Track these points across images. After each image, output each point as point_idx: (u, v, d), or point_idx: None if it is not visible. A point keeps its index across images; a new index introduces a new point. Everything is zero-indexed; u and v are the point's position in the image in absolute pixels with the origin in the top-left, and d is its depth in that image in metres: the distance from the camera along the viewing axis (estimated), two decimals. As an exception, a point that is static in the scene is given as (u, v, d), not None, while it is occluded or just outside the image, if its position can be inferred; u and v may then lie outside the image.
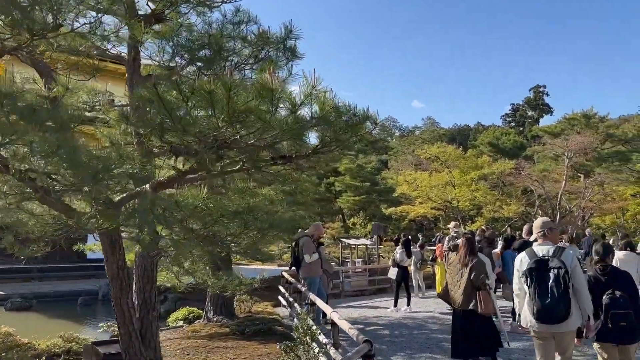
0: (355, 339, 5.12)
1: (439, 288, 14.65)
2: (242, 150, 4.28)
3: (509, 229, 24.81)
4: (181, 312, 12.82)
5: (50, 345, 8.01)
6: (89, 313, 18.67)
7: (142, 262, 5.02)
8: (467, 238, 7.00)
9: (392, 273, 12.50)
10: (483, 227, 14.77)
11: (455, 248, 7.50)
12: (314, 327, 6.94)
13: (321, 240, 11.60)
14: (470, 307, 6.52)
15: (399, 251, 12.42)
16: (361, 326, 10.59)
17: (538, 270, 4.65)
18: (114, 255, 4.47)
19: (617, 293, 4.74)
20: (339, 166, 45.09)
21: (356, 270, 16.79)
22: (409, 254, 12.50)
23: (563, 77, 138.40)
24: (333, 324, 6.56)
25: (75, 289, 20.23)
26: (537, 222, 5.07)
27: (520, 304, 5.01)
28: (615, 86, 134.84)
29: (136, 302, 5.08)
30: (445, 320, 10.93)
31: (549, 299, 4.50)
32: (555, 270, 4.56)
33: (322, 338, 6.74)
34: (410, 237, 14.41)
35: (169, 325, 12.36)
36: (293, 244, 9.92)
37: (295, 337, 6.82)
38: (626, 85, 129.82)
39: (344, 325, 5.73)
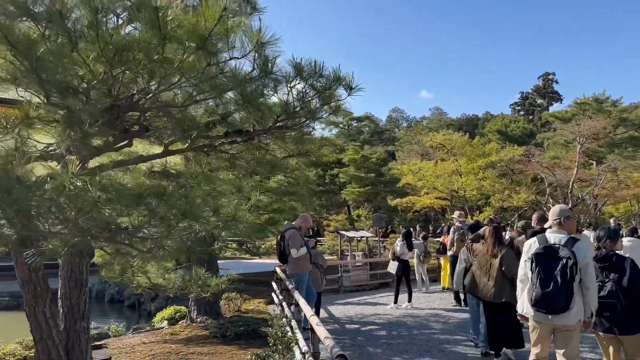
0: (329, 352, 4.21)
1: (445, 281, 13.76)
2: (173, 120, 3.34)
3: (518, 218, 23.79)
4: (167, 312, 12.01)
5: (7, 353, 7.21)
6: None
7: (69, 261, 4.16)
8: (493, 227, 6.79)
9: (392, 267, 11.59)
10: (491, 217, 13.78)
11: (478, 238, 7.17)
12: (291, 334, 6.06)
13: (311, 232, 10.75)
14: (505, 299, 6.40)
15: (399, 243, 11.49)
16: (357, 326, 9.72)
17: (545, 257, 4.52)
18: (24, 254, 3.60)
19: (608, 282, 4.71)
20: (343, 157, 44.19)
21: (356, 264, 15.85)
22: (410, 247, 11.56)
23: (573, 64, 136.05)
24: (312, 330, 5.65)
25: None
26: (555, 209, 4.85)
27: (522, 290, 4.83)
28: (626, 74, 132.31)
29: (61, 311, 4.22)
30: (449, 319, 10.02)
31: (550, 288, 4.38)
32: (564, 260, 4.41)
33: (303, 345, 5.84)
34: (412, 228, 13.50)
35: (154, 326, 11.58)
36: (279, 237, 9.01)
37: (270, 344, 5.96)
38: (638, 73, 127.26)
39: (321, 333, 4.81)
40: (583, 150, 28.38)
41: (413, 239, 13.82)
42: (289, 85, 3.74)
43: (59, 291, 4.27)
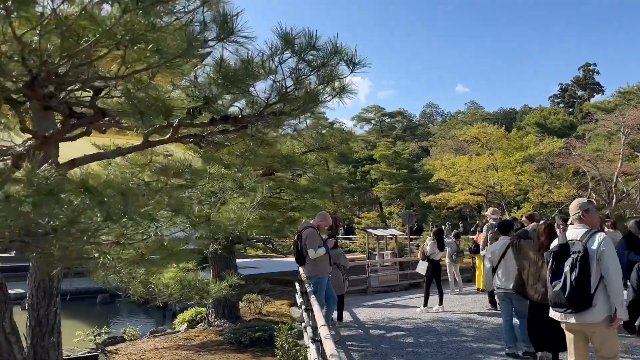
0: (332, 374, 3.61)
1: (479, 282, 12.95)
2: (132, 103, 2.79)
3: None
4: (188, 313, 11.62)
5: None
6: (107, 312, 17.86)
7: (37, 269, 3.70)
8: (547, 224, 6.33)
9: (422, 267, 10.88)
10: (530, 213, 12.87)
11: (524, 235, 6.74)
12: (299, 347, 5.49)
13: (337, 230, 10.14)
14: None
15: (429, 242, 10.77)
16: (382, 331, 9.07)
17: (558, 254, 4.46)
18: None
19: None
20: (374, 153, 43.42)
21: (385, 264, 15.16)
22: (441, 246, 10.82)
23: (615, 54, 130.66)
24: (321, 342, 5.05)
25: (95, 286, 19.38)
26: (573, 204, 4.72)
27: None
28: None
29: (27, 324, 3.76)
30: (483, 324, 9.26)
31: (559, 286, 4.31)
32: (575, 255, 4.29)
33: (314, 357, 5.26)
34: (444, 226, 12.73)
35: (174, 328, 11.22)
36: (295, 236, 8.44)
37: (277, 357, 5.40)
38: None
39: (328, 347, 4.22)
40: (627, 142, 26.76)
41: (445, 237, 13.08)
42: (275, 59, 3.15)
43: (26, 302, 3.84)
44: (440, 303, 10.73)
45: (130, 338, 9.65)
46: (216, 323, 9.80)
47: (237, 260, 27.69)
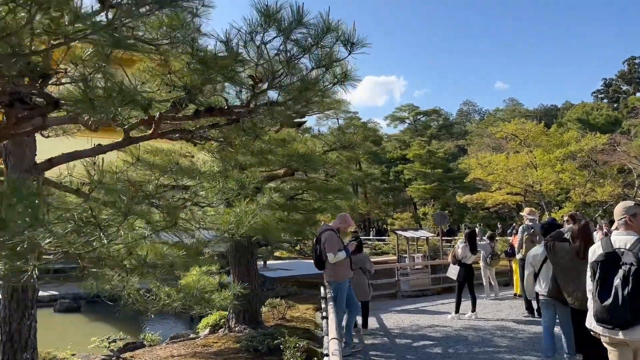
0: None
1: (517, 287, 12.24)
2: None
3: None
4: (212, 317, 11.32)
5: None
6: (137, 315, 17.82)
7: (9, 278, 3.39)
8: (582, 226, 5.96)
9: (453, 272, 10.28)
10: (571, 213, 12.03)
11: (560, 237, 6.30)
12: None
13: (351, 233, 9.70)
14: None
15: (460, 245, 10.15)
16: (408, 340, 8.54)
17: (606, 264, 4.01)
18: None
19: None
20: (407, 153, 42.59)
21: (416, 267, 14.55)
22: (473, 249, 10.18)
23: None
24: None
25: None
26: (618, 207, 4.23)
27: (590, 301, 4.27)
28: None
29: (-1, 339, 3.45)
30: (519, 332, 8.61)
31: (610, 300, 3.87)
32: (626, 267, 3.85)
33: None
34: (477, 227, 12.05)
35: (198, 332, 10.97)
36: (314, 240, 8.00)
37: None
38: None
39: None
40: (678, 137, 25.26)
41: (478, 239, 12.42)
42: (256, 37, 2.73)
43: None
44: (473, 310, 10.11)
45: (149, 344, 9.41)
46: (236, 329, 9.46)
47: (269, 262, 27.61)
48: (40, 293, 19.13)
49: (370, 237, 35.37)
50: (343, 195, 10.33)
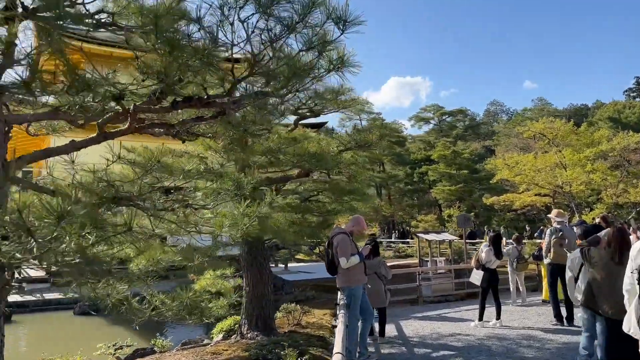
0: None
1: (545, 293, 11.64)
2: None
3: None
4: (227, 322, 11.02)
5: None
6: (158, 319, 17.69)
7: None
8: (617, 229, 5.54)
9: (476, 277, 9.77)
10: (603, 215, 11.37)
11: (594, 242, 5.90)
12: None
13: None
14: None
15: (484, 249, 9.63)
16: (428, 350, 8.07)
17: None
18: None
19: None
20: (431, 154, 41.79)
21: (438, 271, 14.01)
22: (498, 253, 9.64)
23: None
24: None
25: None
26: None
27: (629, 301, 4.21)
28: None
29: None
30: (546, 342, 8.06)
31: None
32: None
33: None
34: (502, 230, 11.48)
35: (212, 338, 10.69)
36: (326, 243, 7.61)
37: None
38: None
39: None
40: None
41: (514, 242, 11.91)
42: (230, 13, 2.36)
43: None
44: (498, 317, 9.57)
45: (160, 350, 9.15)
46: (248, 335, 9.12)
47: (290, 265, 27.32)
48: (61, 296, 19.19)
49: (394, 239, 34.80)
50: (360, 197, 9.90)
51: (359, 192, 9.56)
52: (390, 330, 9.51)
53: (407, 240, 33.73)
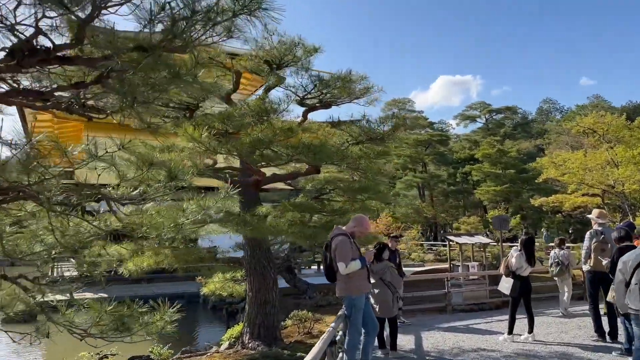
0: None
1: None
2: None
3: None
4: (237, 328, 10.44)
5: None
6: (188, 319, 17.34)
7: None
8: None
9: (505, 285, 8.72)
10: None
11: None
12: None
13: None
14: None
15: (514, 254, 8.57)
16: (444, 367, 7.13)
17: None
18: None
19: None
20: (476, 153, 40.05)
21: (471, 277, 12.91)
22: (530, 259, 8.57)
23: None
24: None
25: (178, 291, 19.19)
26: None
27: None
28: None
29: None
30: (583, 364, 6.96)
31: None
32: None
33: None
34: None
35: (220, 345, 10.10)
36: (324, 246, 6.80)
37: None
38: None
39: None
40: None
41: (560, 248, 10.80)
42: None
43: None
44: (530, 331, 8.50)
45: (157, 358, 8.60)
46: (250, 345, 8.45)
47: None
48: (84, 295, 19.16)
49: (433, 242, 33.45)
50: (375, 195, 9.04)
51: (373, 190, 8.71)
52: (407, 342, 8.61)
53: (446, 243, 32.41)
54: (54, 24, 2.15)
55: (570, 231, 27.31)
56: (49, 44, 2.19)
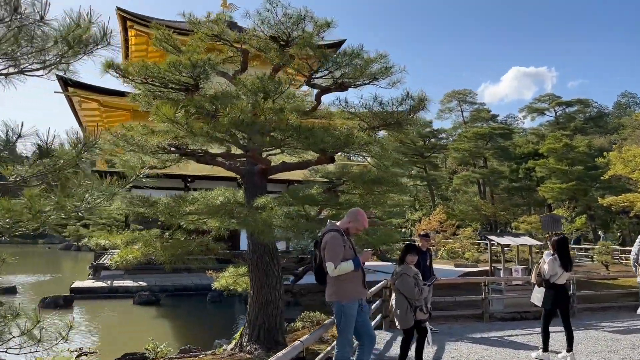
0: None
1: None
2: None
3: None
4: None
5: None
6: (216, 312, 17.03)
7: None
8: None
9: (537, 296, 7.51)
10: None
11: None
12: None
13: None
14: None
15: (546, 259, 7.34)
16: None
17: None
18: None
19: None
20: (540, 148, 37.40)
21: (513, 283, 11.59)
22: (566, 264, 7.30)
23: None
24: None
25: (204, 282, 18.83)
26: None
27: None
28: None
29: None
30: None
31: None
32: None
33: None
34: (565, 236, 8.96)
35: (232, 343, 9.50)
36: (313, 244, 5.94)
37: None
38: None
39: None
40: None
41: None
42: None
43: None
44: (570, 349, 7.26)
45: (152, 356, 8.08)
46: (247, 348, 7.76)
47: (369, 264, 25.69)
48: (123, 283, 19.24)
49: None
50: (393, 188, 8.06)
51: (389, 182, 7.74)
52: (425, 354, 7.60)
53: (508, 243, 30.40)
54: None
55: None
56: None
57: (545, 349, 7.40)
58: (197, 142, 7.19)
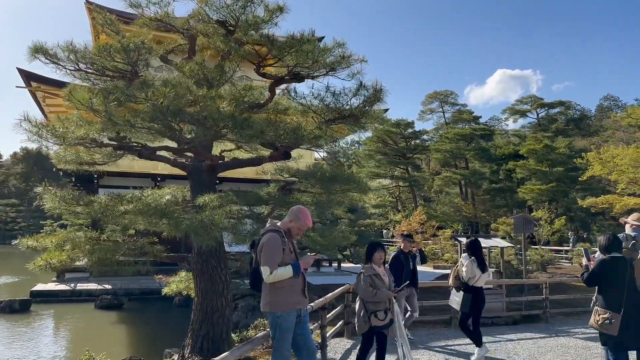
0: None
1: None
2: None
3: None
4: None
5: None
6: (181, 316, 16.26)
7: None
8: None
9: (455, 299, 7.68)
10: None
11: None
12: None
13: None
14: None
15: (464, 262, 7.51)
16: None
17: None
18: None
19: None
20: (520, 149, 37.20)
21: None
22: (482, 265, 7.36)
23: None
24: None
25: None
26: None
27: None
28: None
29: None
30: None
31: None
32: None
33: None
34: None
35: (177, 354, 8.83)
36: (249, 244, 5.32)
37: None
38: None
39: None
40: None
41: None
42: None
43: None
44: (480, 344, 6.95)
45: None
46: (189, 360, 7.11)
47: (344, 265, 25.06)
48: (87, 286, 18.40)
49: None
50: (351, 186, 7.46)
51: (345, 179, 7.17)
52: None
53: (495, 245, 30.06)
54: None
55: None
56: None
57: (479, 344, 7.15)
58: (136, 134, 6.56)
